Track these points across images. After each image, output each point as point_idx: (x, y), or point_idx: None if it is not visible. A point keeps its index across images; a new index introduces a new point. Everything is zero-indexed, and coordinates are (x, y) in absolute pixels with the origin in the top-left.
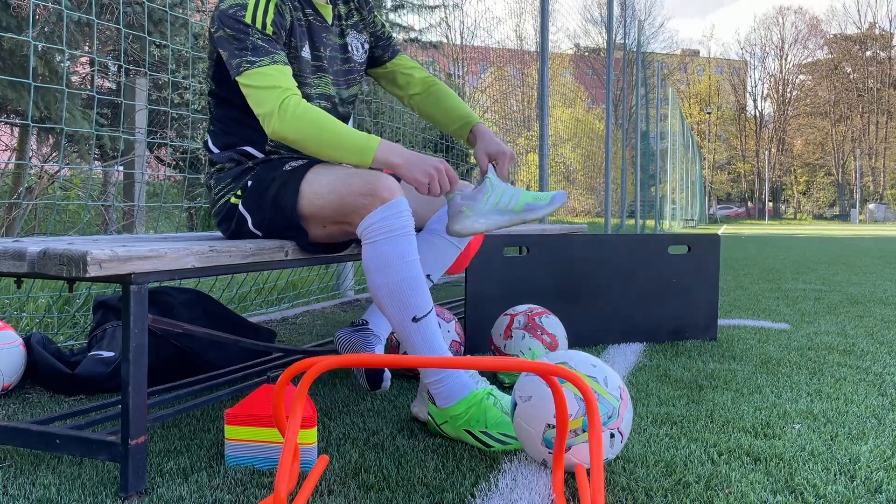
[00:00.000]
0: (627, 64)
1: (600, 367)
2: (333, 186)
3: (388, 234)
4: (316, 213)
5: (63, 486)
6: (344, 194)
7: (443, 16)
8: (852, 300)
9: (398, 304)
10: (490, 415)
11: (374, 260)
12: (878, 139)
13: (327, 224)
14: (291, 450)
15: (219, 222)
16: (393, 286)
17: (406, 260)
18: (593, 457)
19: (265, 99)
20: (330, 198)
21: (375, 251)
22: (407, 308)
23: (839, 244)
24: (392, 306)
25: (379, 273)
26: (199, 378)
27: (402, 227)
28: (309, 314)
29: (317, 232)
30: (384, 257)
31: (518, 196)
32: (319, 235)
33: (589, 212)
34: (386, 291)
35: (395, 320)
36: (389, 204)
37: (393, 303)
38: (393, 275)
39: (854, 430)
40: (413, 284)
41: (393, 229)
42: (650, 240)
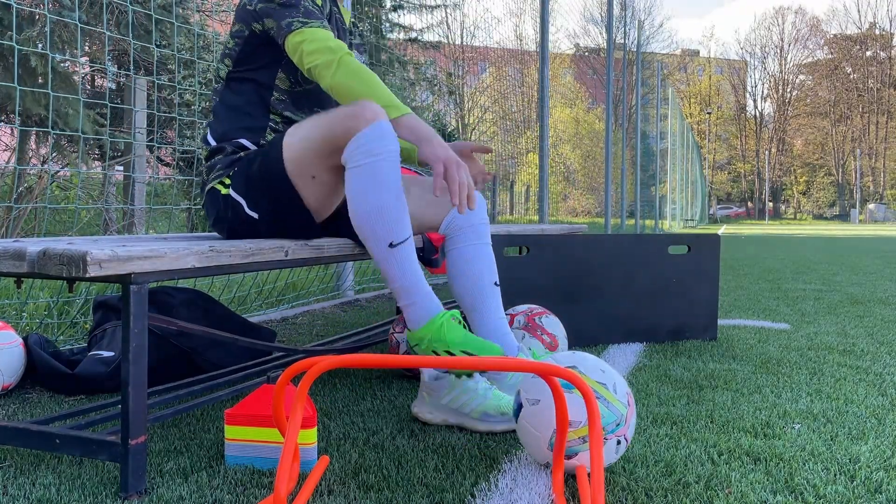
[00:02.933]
0: (627, 64)
1: (609, 373)
2: (315, 123)
3: (372, 157)
4: (304, 158)
5: (63, 486)
6: (326, 125)
7: (443, 16)
8: (852, 300)
9: (376, 229)
10: (451, 335)
11: (357, 184)
12: (878, 139)
13: (317, 170)
14: (291, 450)
15: (213, 221)
16: (372, 211)
17: (386, 185)
18: (593, 457)
19: (321, 52)
20: (314, 134)
21: (359, 175)
22: (385, 233)
23: (839, 244)
24: (370, 231)
25: (360, 196)
26: (199, 378)
27: (386, 151)
28: (309, 314)
29: (311, 190)
30: (366, 182)
31: (478, 401)
32: (315, 197)
33: (589, 212)
34: (365, 217)
35: (374, 246)
36: (373, 126)
37: (371, 228)
38: (374, 199)
39: (854, 430)
40: (391, 210)
41: (376, 153)
42: (650, 240)
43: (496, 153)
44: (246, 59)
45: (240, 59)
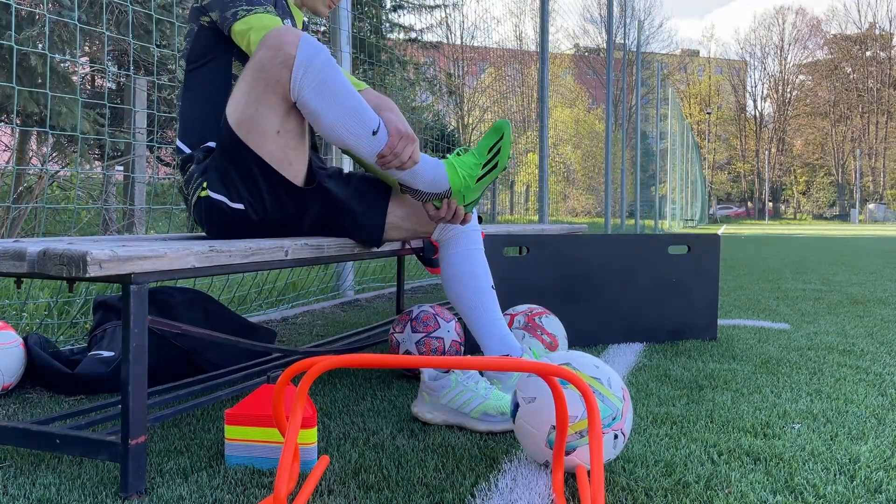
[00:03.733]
0: (627, 64)
1: (603, 369)
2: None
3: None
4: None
5: (63, 486)
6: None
7: (442, 16)
8: (852, 300)
9: (356, 127)
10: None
11: (319, 101)
12: (878, 139)
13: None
14: (291, 450)
15: (206, 226)
16: (346, 113)
17: (344, 88)
18: (593, 457)
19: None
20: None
21: (318, 93)
22: (365, 127)
23: (839, 244)
24: (352, 133)
25: (330, 109)
26: (199, 378)
27: (326, 59)
28: (309, 314)
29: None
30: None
31: (478, 401)
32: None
33: (589, 212)
34: (343, 122)
35: (359, 143)
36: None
37: (352, 128)
38: (342, 102)
39: (854, 430)
40: (359, 102)
41: (322, 65)
42: (650, 240)
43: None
44: (199, 55)
45: (192, 56)
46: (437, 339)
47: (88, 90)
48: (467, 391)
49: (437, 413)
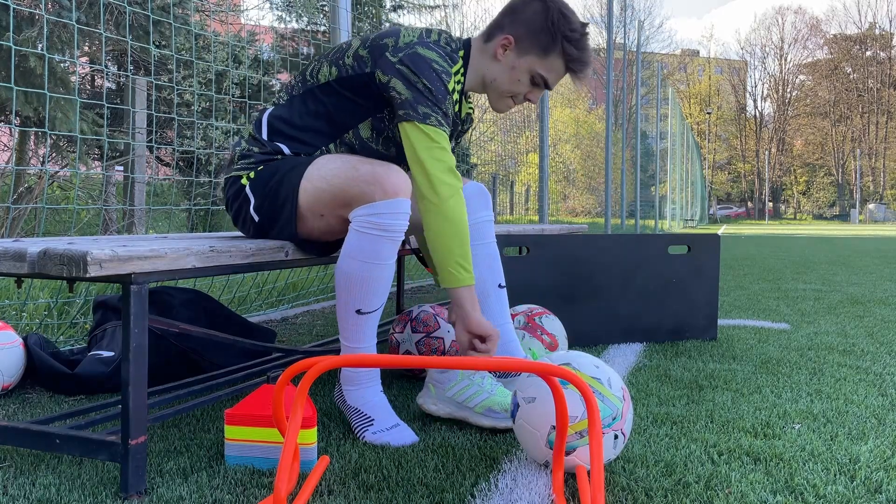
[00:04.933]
0: (627, 64)
1: (603, 369)
2: (340, 170)
3: (378, 231)
4: (318, 197)
5: (63, 486)
6: (349, 178)
7: (442, 16)
8: (852, 300)
9: (354, 293)
10: None
11: (355, 248)
12: (878, 139)
13: (325, 212)
14: (291, 450)
15: (228, 200)
16: (359, 278)
17: (383, 261)
18: (593, 457)
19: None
20: (335, 181)
21: (360, 241)
22: (359, 300)
23: (839, 244)
24: (347, 293)
25: (353, 260)
26: (199, 378)
27: (394, 229)
28: (309, 314)
29: (313, 223)
30: (365, 251)
31: (483, 395)
32: (314, 228)
33: (589, 212)
34: (351, 279)
35: (342, 304)
36: (391, 202)
37: (350, 291)
38: (365, 269)
39: (854, 430)
40: (377, 285)
41: (385, 229)
42: (650, 240)
43: (496, 153)
44: (352, 86)
45: (347, 81)
46: (437, 340)
47: (88, 90)
48: (473, 385)
49: (442, 405)
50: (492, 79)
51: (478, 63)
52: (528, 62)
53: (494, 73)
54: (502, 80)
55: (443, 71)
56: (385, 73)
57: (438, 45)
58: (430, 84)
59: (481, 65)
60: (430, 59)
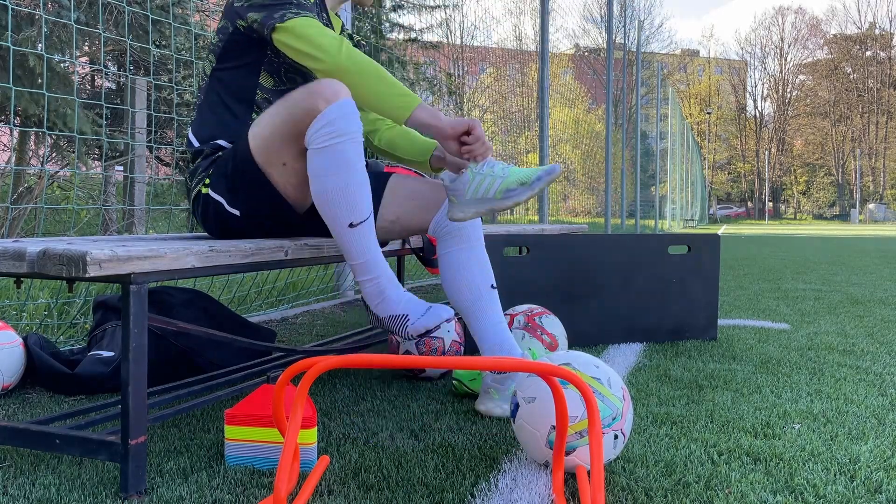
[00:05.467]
0: (627, 64)
1: (603, 369)
2: (275, 110)
3: (337, 138)
4: (271, 146)
5: (63, 486)
6: (286, 110)
7: (443, 16)
8: (852, 300)
9: (339, 208)
10: None
11: (321, 165)
12: (878, 139)
13: (286, 156)
14: (291, 450)
15: (202, 221)
16: (337, 191)
17: (349, 167)
18: (593, 457)
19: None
20: (275, 121)
21: (322, 157)
22: (347, 213)
23: (839, 244)
24: (332, 212)
25: (324, 177)
26: (199, 378)
27: (351, 130)
28: (309, 314)
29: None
30: (331, 162)
31: (499, 181)
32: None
33: (589, 212)
34: (329, 196)
35: (335, 226)
36: (335, 105)
37: (334, 208)
38: (339, 180)
39: (854, 430)
40: (357, 189)
41: (339, 135)
42: (650, 240)
43: (496, 153)
44: (229, 55)
45: (223, 55)
46: (437, 339)
47: (88, 90)
48: (486, 178)
49: (468, 209)
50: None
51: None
52: None
53: None
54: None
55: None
56: (241, 16)
57: None
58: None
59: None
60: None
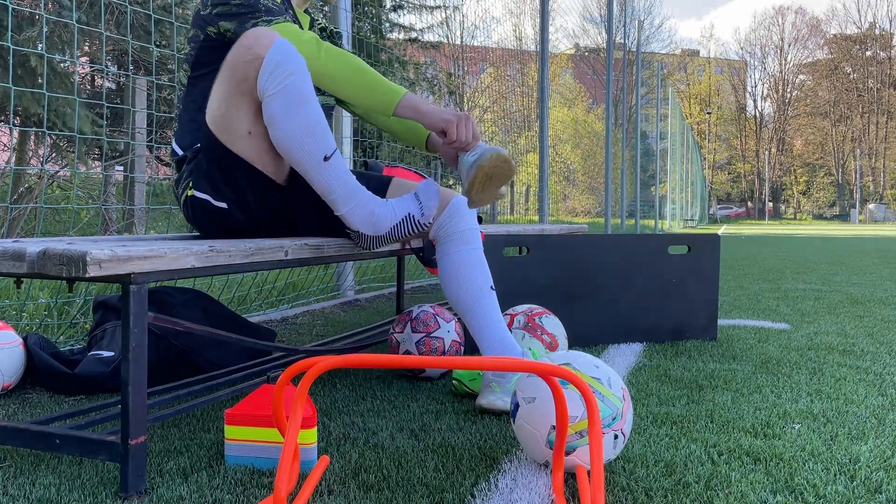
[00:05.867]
0: (627, 64)
1: (603, 369)
2: (220, 81)
3: (286, 78)
4: (228, 118)
5: (63, 486)
6: (229, 71)
7: (443, 16)
8: (852, 300)
9: (308, 146)
10: None
11: (278, 107)
12: (878, 139)
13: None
14: (291, 450)
15: (195, 224)
16: (302, 129)
17: (307, 101)
18: (593, 457)
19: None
20: (223, 87)
21: (279, 99)
22: (317, 148)
23: (839, 244)
24: (301, 150)
25: (286, 120)
26: (199, 378)
27: (295, 68)
28: (309, 314)
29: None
30: (290, 102)
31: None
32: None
33: (589, 212)
34: (296, 136)
35: (308, 164)
36: (274, 48)
37: (302, 146)
38: (299, 119)
39: (854, 430)
40: (318, 124)
41: (291, 73)
42: (650, 240)
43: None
44: (202, 63)
45: (196, 63)
46: (437, 339)
47: (88, 90)
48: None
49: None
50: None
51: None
52: None
53: None
54: None
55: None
56: (210, 23)
57: None
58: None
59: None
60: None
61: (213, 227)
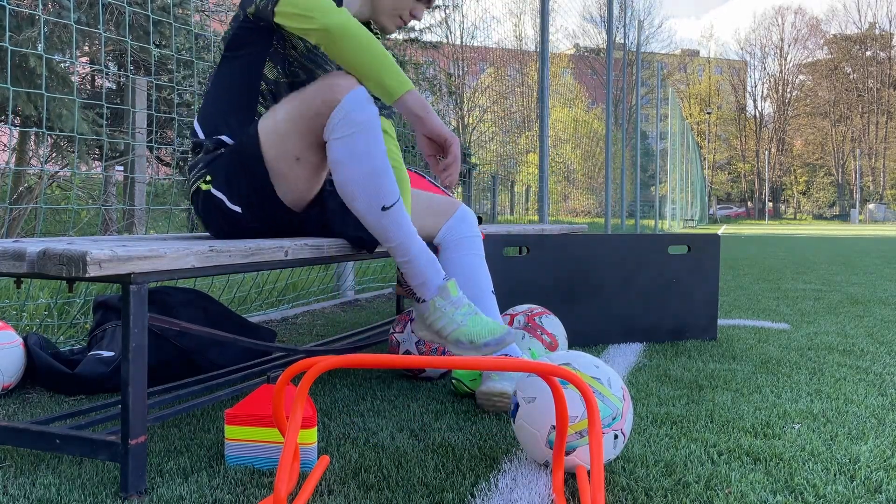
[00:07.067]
0: (627, 64)
1: (603, 369)
2: (292, 103)
3: (356, 126)
4: (285, 141)
5: (63, 486)
6: (303, 102)
7: (443, 16)
8: (852, 300)
9: (369, 194)
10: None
11: (343, 153)
12: (878, 139)
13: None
14: (291, 450)
15: (202, 217)
16: (364, 176)
17: (373, 152)
18: (593, 457)
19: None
20: (292, 113)
21: (345, 145)
22: (377, 197)
23: (839, 244)
24: (362, 198)
25: (349, 165)
26: (199, 378)
27: (368, 119)
28: (309, 314)
29: (294, 173)
30: (355, 149)
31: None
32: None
33: (589, 212)
34: (357, 183)
35: (366, 212)
36: (352, 94)
37: (364, 193)
38: (364, 165)
39: (854, 430)
40: (382, 173)
41: (360, 122)
42: (650, 240)
43: (496, 153)
44: (237, 42)
45: (231, 42)
46: None
47: (88, 90)
48: (445, 316)
49: (425, 332)
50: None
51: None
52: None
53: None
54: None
55: None
56: (250, 3)
57: None
58: None
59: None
60: None
61: (221, 224)
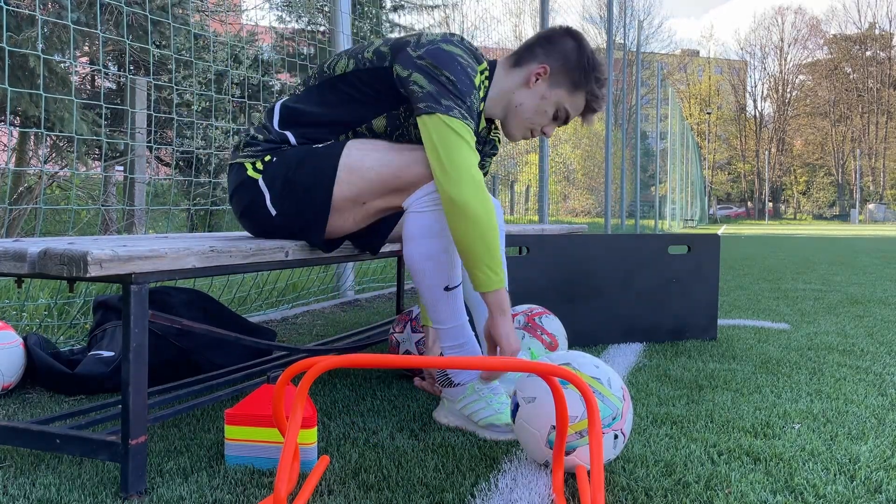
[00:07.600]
0: (627, 64)
1: (603, 369)
2: (387, 158)
3: (438, 206)
4: (364, 187)
5: (63, 486)
6: (398, 164)
7: (442, 16)
8: (852, 300)
9: (437, 271)
10: None
11: (421, 227)
12: (878, 139)
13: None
14: (291, 450)
15: (231, 195)
16: (436, 254)
17: (447, 234)
18: (593, 457)
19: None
20: (384, 169)
21: (424, 219)
22: (445, 276)
23: (839, 244)
24: (431, 274)
25: (425, 240)
26: (199, 378)
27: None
28: (309, 314)
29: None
30: (433, 226)
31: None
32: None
33: (589, 212)
34: (428, 258)
35: (428, 287)
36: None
37: (433, 270)
38: (434, 245)
39: (854, 430)
40: (454, 254)
41: (437, 203)
42: (650, 240)
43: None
44: (368, 79)
45: (364, 74)
46: None
47: (88, 90)
48: (481, 401)
49: (452, 418)
50: (518, 103)
51: (504, 84)
52: (558, 95)
53: (522, 99)
54: (529, 106)
55: (468, 66)
56: (405, 67)
57: (463, 44)
58: (454, 76)
59: (508, 87)
60: (455, 53)
61: (247, 208)
